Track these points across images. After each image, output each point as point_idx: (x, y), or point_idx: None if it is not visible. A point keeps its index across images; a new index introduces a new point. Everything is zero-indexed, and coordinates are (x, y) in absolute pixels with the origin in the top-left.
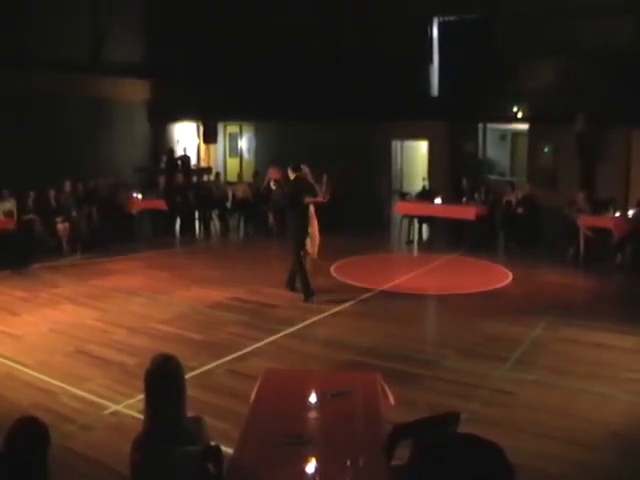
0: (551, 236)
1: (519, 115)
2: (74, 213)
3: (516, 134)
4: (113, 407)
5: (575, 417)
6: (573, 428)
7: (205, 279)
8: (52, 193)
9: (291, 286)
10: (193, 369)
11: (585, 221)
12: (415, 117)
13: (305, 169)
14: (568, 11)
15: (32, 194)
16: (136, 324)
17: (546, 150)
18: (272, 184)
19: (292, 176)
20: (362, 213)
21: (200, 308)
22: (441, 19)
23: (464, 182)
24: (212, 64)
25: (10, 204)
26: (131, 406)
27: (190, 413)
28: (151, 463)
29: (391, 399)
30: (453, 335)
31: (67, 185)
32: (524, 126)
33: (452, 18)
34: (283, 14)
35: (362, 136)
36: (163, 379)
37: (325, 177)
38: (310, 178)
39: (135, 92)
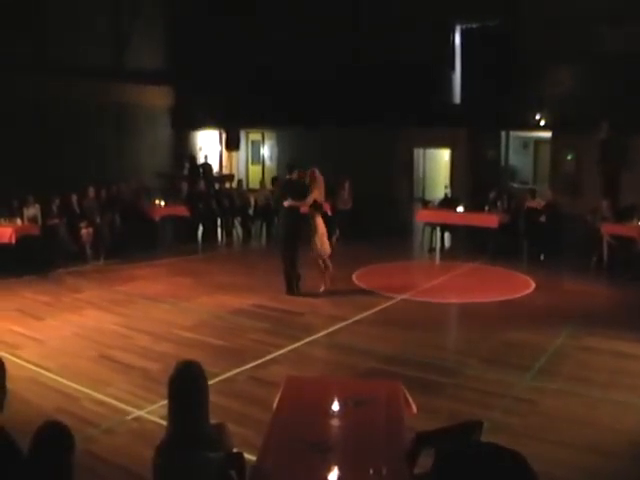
0: (574, 244)
1: (542, 123)
2: (97, 219)
3: (539, 142)
4: (135, 412)
5: (596, 426)
6: (594, 437)
7: (227, 286)
8: (75, 199)
9: (292, 291)
10: (215, 375)
11: (609, 229)
12: (437, 125)
13: (309, 173)
14: (591, 17)
15: (56, 200)
16: (159, 330)
17: (569, 158)
18: None
19: (287, 177)
20: (384, 220)
21: (222, 314)
22: (463, 26)
23: (492, 194)
24: (235, 71)
25: (35, 210)
26: (153, 412)
27: (212, 419)
28: (174, 468)
29: (413, 407)
30: (475, 343)
31: (91, 191)
32: (547, 134)
33: (474, 25)
34: (307, 21)
35: (384, 143)
36: (186, 385)
37: (347, 184)
38: (314, 182)
39: (158, 98)
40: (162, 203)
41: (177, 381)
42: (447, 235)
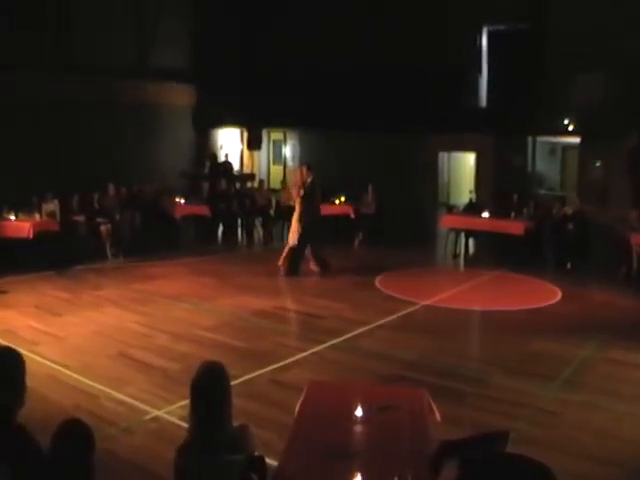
0: (602, 254)
1: (570, 128)
2: (117, 216)
3: (567, 148)
4: (154, 412)
5: (621, 439)
6: (617, 451)
7: (249, 287)
8: (96, 196)
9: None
10: (235, 377)
11: (638, 240)
12: (462, 129)
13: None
14: (622, 23)
15: (76, 197)
16: (179, 330)
17: (597, 165)
18: None
19: None
20: (408, 225)
21: (244, 316)
22: (490, 28)
23: (515, 197)
24: (258, 69)
25: (53, 205)
26: (172, 412)
27: (235, 422)
28: (196, 470)
29: (437, 416)
30: (499, 352)
31: (111, 188)
32: (575, 140)
33: (502, 27)
34: (332, 21)
35: (408, 147)
36: (210, 386)
37: (370, 188)
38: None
39: (180, 97)
40: (183, 202)
41: (201, 382)
42: (471, 241)
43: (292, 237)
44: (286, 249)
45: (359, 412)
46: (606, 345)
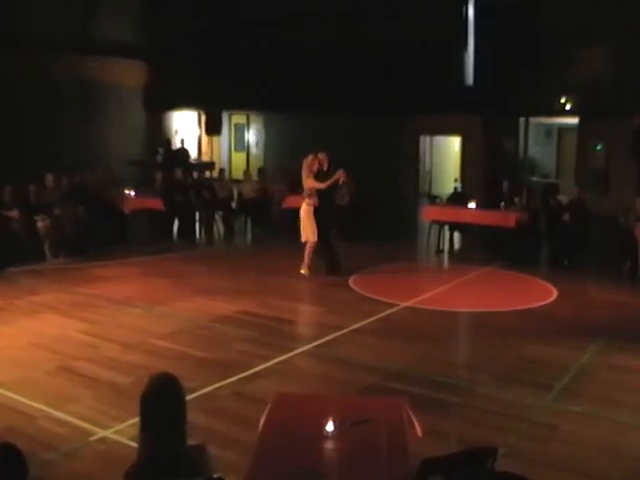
0: (603, 247)
1: (567, 108)
2: (57, 211)
3: (563, 130)
4: (101, 433)
5: (624, 455)
6: (622, 468)
7: (209, 289)
8: (32, 188)
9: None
10: (194, 390)
11: None
12: (447, 110)
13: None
14: None
15: (9, 188)
16: (130, 338)
17: (598, 148)
18: None
19: None
20: (385, 218)
21: (203, 322)
22: None
23: (504, 185)
24: (217, 46)
25: None
26: (122, 432)
27: (191, 440)
28: None
29: (418, 429)
30: (488, 358)
31: (49, 179)
32: (573, 120)
33: None
34: None
35: (386, 131)
36: (161, 401)
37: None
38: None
39: (129, 75)
40: (133, 194)
41: (150, 397)
42: (457, 235)
43: (306, 233)
44: (307, 250)
45: (331, 427)
46: (608, 349)
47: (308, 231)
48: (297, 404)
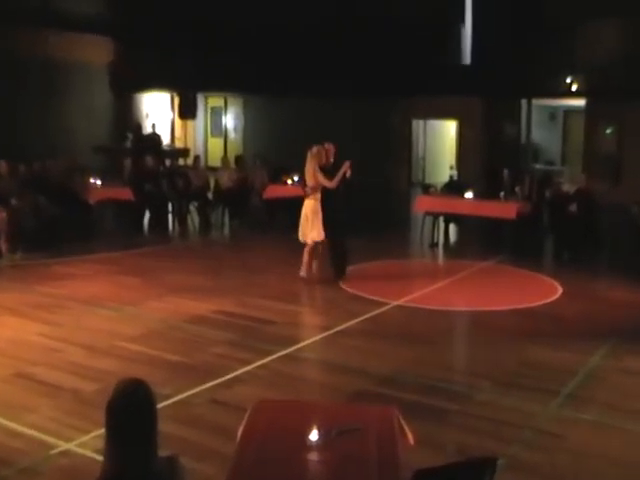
0: (613, 241)
1: (574, 88)
2: (14, 201)
3: (569, 112)
4: (63, 445)
5: (637, 468)
6: None
7: (183, 287)
8: None
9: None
10: (167, 397)
11: None
12: (442, 91)
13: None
14: None
15: None
16: (96, 342)
17: (608, 132)
18: None
19: None
20: (376, 210)
21: (177, 323)
22: None
23: (505, 174)
24: (192, 20)
25: None
26: (86, 444)
27: (163, 452)
28: None
29: (410, 439)
30: (488, 361)
31: (2, 166)
32: (580, 102)
33: None
34: None
35: (376, 114)
36: (130, 410)
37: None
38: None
39: (95, 52)
40: (99, 183)
41: (118, 405)
42: (453, 228)
43: (311, 233)
44: (309, 249)
45: (315, 437)
46: (619, 351)
47: (314, 230)
48: (279, 412)
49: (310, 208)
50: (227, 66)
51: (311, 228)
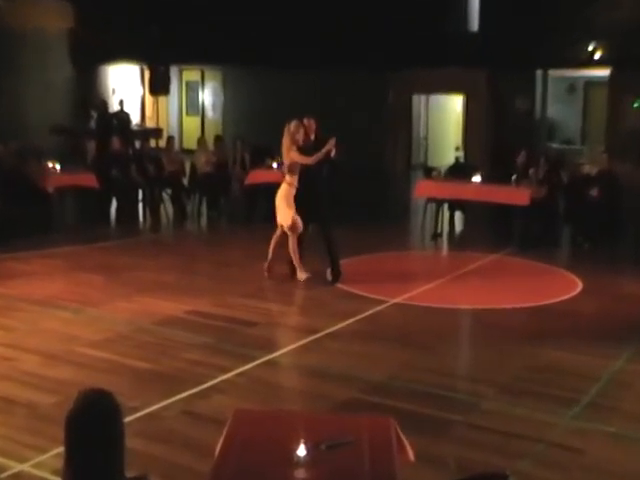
0: (637, 229)
1: (596, 57)
2: None
3: (591, 84)
4: (17, 467)
5: None
6: None
7: (153, 285)
8: None
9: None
10: (134, 410)
11: None
12: (446, 63)
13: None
14: None
15: None
16: (54, 348)
17: (636, 106)
18: None
19: None
20: (371, 196)
21: (145, 325)
22: None
23: (522, 155)
24: None
25: None
26: (43, 464)
27: (130, 472)
28: None
29: (410, 454)
30: (495, 366)
31: None
32: (603, 73)
33: None
34: None
35: (372, 89)
36: (92, 425)
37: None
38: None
39: (52, 19)
40: (58, 168)
41: (78, 419)
42: (458, 216)
43: (281, 218)
44: (291, 246)
45: (302, 451)
46: None
47: (279, 215)
48: (261, 423)
49: (282, 192)
50: (204, 35)
51: (279, 214)
